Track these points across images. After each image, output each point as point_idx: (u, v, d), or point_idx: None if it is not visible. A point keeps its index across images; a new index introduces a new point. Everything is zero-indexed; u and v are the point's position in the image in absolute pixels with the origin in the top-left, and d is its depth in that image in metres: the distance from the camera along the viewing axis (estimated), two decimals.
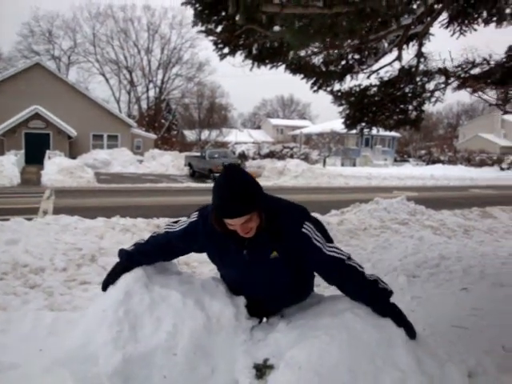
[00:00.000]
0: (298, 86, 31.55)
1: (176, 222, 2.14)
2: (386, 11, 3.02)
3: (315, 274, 2.14)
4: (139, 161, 28.41)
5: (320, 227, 2.00)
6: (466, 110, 70.27)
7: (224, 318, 1.97)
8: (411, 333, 1.87)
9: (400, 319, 1.90)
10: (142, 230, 6.72)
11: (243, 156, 35.56)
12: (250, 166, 26.46)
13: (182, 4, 3.45)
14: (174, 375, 1.83)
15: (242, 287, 2.11)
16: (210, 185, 20.24)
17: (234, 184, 1.80)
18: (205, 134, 43.64)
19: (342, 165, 38.96)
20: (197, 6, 3.25)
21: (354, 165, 40.09)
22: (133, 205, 11.50)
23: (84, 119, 28.58)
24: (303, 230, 1.89)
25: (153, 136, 35.00)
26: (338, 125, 33.27)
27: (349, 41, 4.65)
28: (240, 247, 1.94)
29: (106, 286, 2.14)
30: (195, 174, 24.51)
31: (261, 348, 1.86)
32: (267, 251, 1.94)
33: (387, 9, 2.87)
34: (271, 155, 35.28)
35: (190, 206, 11.42)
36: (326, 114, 77.74)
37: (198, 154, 27.36)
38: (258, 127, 70.56)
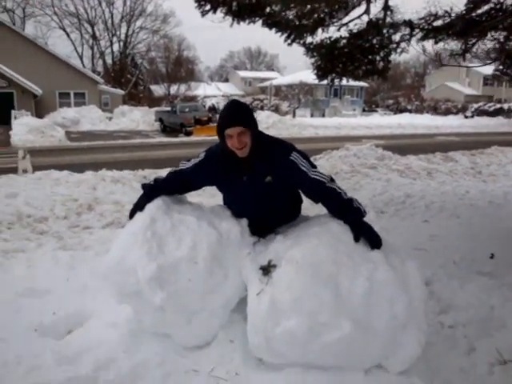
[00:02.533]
0: (264, 38, 31.08)
1: (188, 161, 2.60)
2: None
3: (303, 197, 2.66)
4: (108, 118, 28.02)
5: (305, 157, 2.49)
6: (432, 59, 70.80)
7: (232, 234, 2.47)
8: (378, 242, 2.30)
9: (370, 232, 2.32)
10: (130, 180, 7.09)
11: (213, 109, 35.31)
12: None
13: None
14: (196, 279, 2.32)
15: (243, 209, 2.60)
16: (183, 139, 20.50)
17: (235, 105, 2.45)
18: (173, 89, 42.97)
19: (312, 115, 39.20)
20: None
21: (324, 115, 40.39)
22: (111, 161, 11.66)
23: (48, 77, 27.63)
24: (291, 157, 2.41)
25: (121, 92, 34.29)
26: (306, 76, 33.34)
27: None
28: (241, 174, 2.45)
29: (132, 214, 2.58)
30: (166, 129, 24.54)
31: (263, 256, 2.36)
32: (262, 176, 2.44)
33: None
34: None
35: (168, 159, 11.80)
36: (293, 66, 77.16)
37: (169, 108, 27.19)
38: (226, 80, 69.49)
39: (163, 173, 7.97)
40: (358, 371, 2.14)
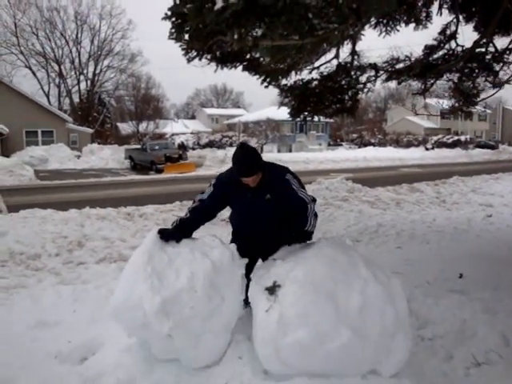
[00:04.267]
0: (230, 75, 31.86)
1: (203, 193, 3.06)
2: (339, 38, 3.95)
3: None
4: (77, 156, 27.96)
5: (297, 178, 3.02)
6: (392, 94, 74.07)
7: (224, 259, 2.78)
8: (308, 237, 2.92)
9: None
10: (115, 217, 7.25)
11: (183, 146, 35.70)
12: (191, 156, 26.80)
13: (163, 19, 4.09)
14: (197, 306, 2.58)
15: (247, 221, 3.08)
16: (154, 176, 20.63)
17: (247, 156, 2.88)
18: (142, 127, 43.22)
19: (279, 151, 40.11)
20: (179, 21, 3.92)
21: (290, 150, 41.39)
22: (88, 199, 11.64)
23: (15, 115, 27.36)
24: (286, 177, 2.97)
25: (89, 130, 34.33)
26: (273, 112, 34.18)
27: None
28: (246, 191, 2.95)
29: (162, 235, 2.84)
30: (136, 167, 24.61)
31: (266, 278, 2.65)
32: (263, 194, 2.96)
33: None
34: (211, 145, 35.77)
35: (146, 196, 11.90)
36: (259, 102, 79.06)
37: (139, 146, 27.37)
38: (193, 117, 70.44)
39: (146, 209, 8.09)
40: (356, 377, 2.43)
